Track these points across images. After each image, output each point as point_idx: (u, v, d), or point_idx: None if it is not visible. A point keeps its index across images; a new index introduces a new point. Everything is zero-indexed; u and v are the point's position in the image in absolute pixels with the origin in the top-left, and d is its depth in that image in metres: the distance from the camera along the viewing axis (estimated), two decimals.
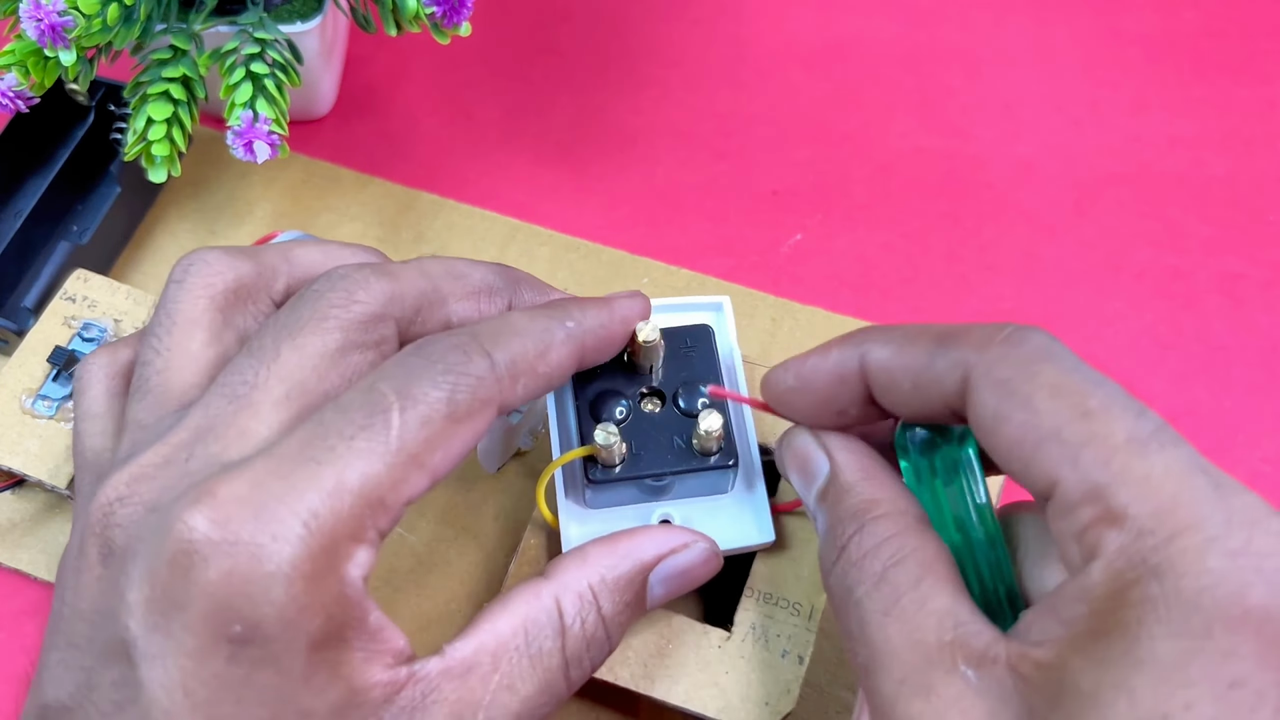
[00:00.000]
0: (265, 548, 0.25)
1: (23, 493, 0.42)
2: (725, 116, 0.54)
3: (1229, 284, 0.48)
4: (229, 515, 0.25)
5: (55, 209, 0.48)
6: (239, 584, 0.25)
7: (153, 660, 0.26)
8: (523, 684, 0.29)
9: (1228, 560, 0.23)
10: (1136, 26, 0.56)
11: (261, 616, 0.25)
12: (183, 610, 0.25)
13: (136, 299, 0.42)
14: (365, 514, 0.26)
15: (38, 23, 0.38)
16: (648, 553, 0.32)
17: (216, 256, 0.32)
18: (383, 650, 0.27)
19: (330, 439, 0.26)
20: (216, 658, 0.25)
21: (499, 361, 0.29)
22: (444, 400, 0.28)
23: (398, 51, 0.55)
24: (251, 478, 0.26)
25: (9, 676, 0.41)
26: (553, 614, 0.30)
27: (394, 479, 0.27)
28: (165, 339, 0.31)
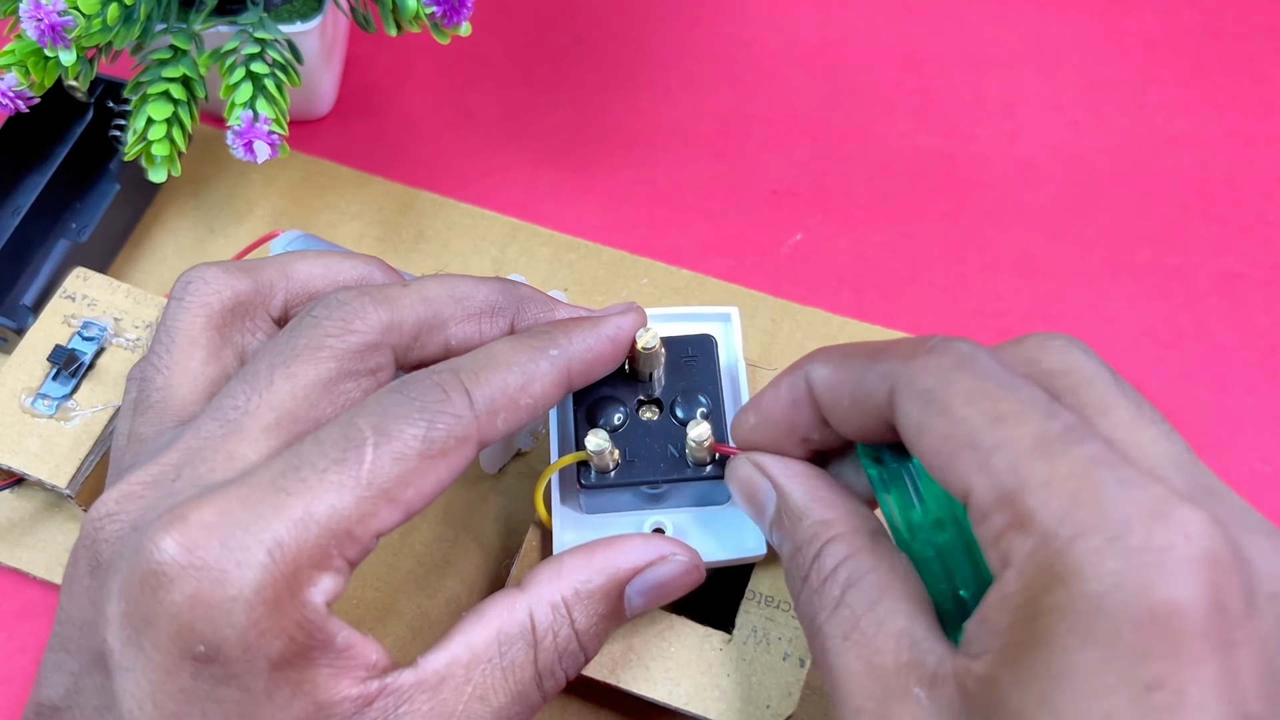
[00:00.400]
0: (228, 574, 0.26)
1: (22, 492, 0.42)
2: (725, 116, 0.53)
3: (1228, 284, 0.48)
4: (196, 541, 0.26)
5: (54, 207, 0.48)
6: (202, 607, 0.26)
7: (126, 672, 0.27)
8: (495, 695, 0.30)
9: (1128, 559, 0.22)
10: (1136, 26, 0.56)
11: (222, 639, 0.26)
12: (152, 628, 0.26)
13: (136, 297, 0.42)
14: (331, 544, 0.27)
15: (38, 23, 0.38)
16: (624, 565, 0.32)
17: (214, 275, 0.33)
18: (352, 665, 0.28)
19: (303, 470, 0.27)
20: (182, 674, 0.26)
21: (478, 400, 0.29)
22: (419, 438, 0.28)
23: (398, 51, 0.55)
24: (223, 505, 0.27)
25: (9, 676, 0.41)
26: (525, 626, 0.30)
27: (362, 512, 0.27)
28: (165, 357, 0.32)
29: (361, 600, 0.41)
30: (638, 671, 0.34)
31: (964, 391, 0.26)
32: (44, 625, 0.41)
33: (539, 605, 0.31)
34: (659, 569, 0.32)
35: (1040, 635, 0.23)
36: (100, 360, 0.41)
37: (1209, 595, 0.22)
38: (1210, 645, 0.22)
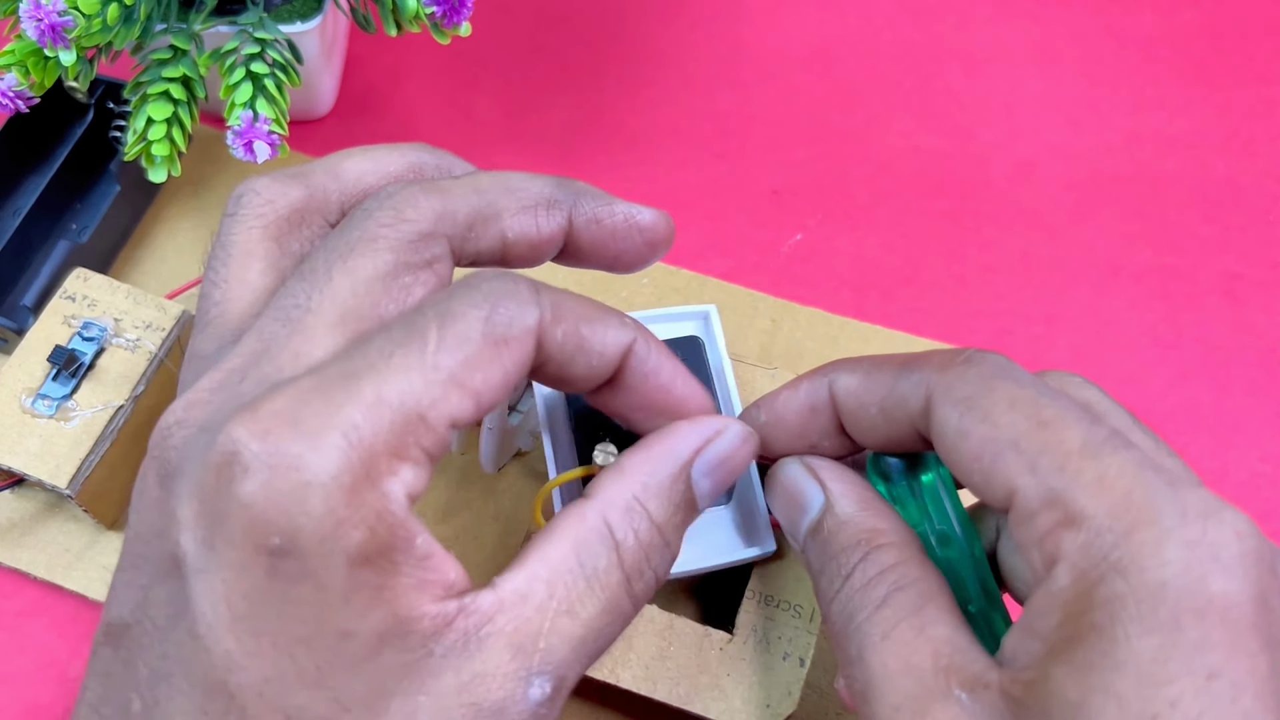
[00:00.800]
0: (303, 458, 0.25)
1: (22, 492, 0.42)
2: (725, 116, 0.53)
3: (1228, 284, 0.48)
4: (269, 428, 0.25)
5: (54, 207, 0.48)
6: (276, 495, 0.25)
7: (199, 574, 0.26)
8: (583, 607, 0.28)
9: (1186, 550, 0.23)
10: (1136, 27, 0.56)
11: (298, 528, 0.25)
12: (225, 522, 0.25)
13: (136, 298, 0.42)
14: (406, 429, 0.26)
15: (38, 23, 0.38)
16: (683, 449, 0.31)
17: (266, 185, 0.32)
18: (432, 580, 0.27)
19: (371, 356, 0.26)
20: (256, 571, 0.25)
21: (544, 299, 0.28)
22: (481, 319, 0.27)
23: (398, 51, 0.55)
24: (294, 393, 0.26)
25: (9, 676, 0.41)
26: (602, 531, 0.29)
27: (433, 395, 0.26)
28: (221, 270, 0.31)
29: None
30: (637, 671, 0.34)
31: (1006, 398, 0.26)
32: (44, 625, 0.41)
33: (611, 508, 0.30)
34: (717, 445, 0.31)
35: (1097, 626, 0.23)
36: (100, 360, 0.41)
37: (1258, 591, 0.23)
38: (1261, 639, 0.23)
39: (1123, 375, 0.46)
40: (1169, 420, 0.45)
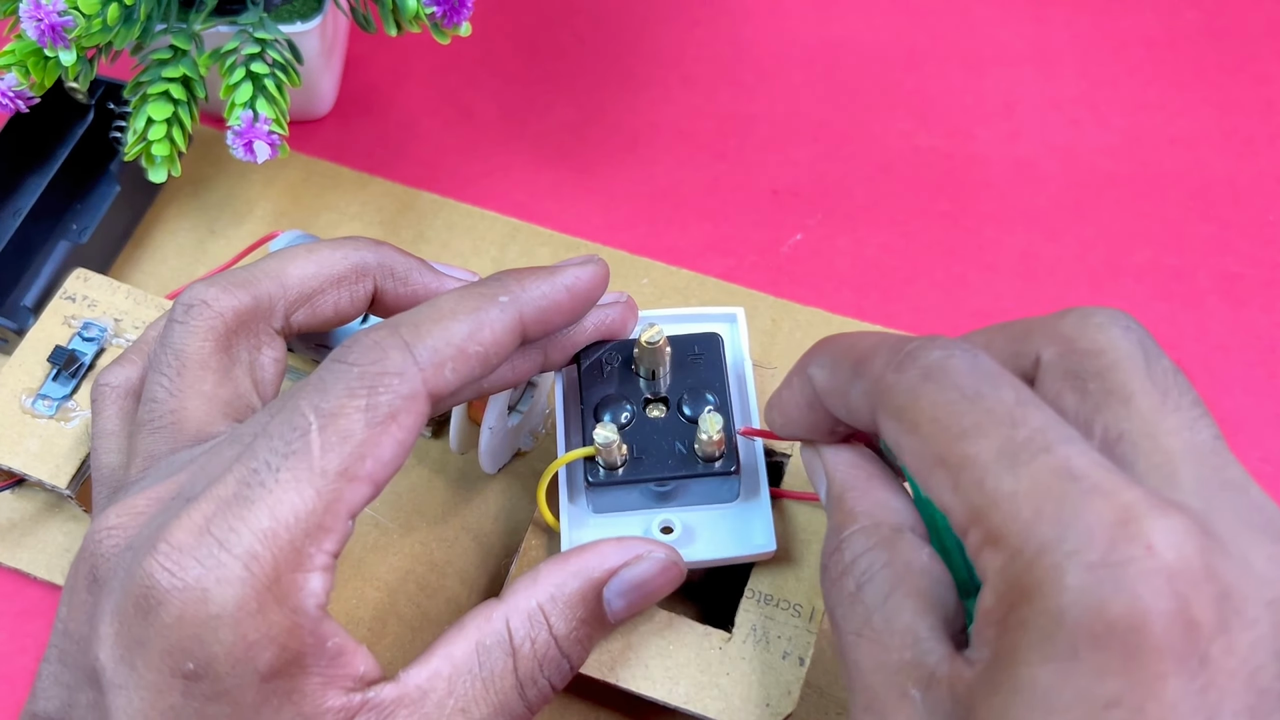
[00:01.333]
0: (210, 592, 0.26)
1: (22, 492, 0.42)
2: (725, 116, 0.53)
3: (1228, 284, 0.48)
4: (177, 562, 0.26)
5: (55, 208, 0.48)
6: (190, 626, 0.26)
7: (118, 690, 0.27)
8: (477, 707, 0.29)
9: (1086, 574, 0.22)
10: (1136, 26, 0.56)
11: (211, 656, 0.26)
12: (144, 647, 0.27)
13: (136, 298, 0.42)
14: (305, 543, 0.27)
15: (38, 23, 0.38)
16: (598, 567, 0.32)
17: (215, 296, 0.33)
18: (341, 674, 0.28)
19: (260, 474, 0.27)
20: (173, 692, 0.27)
21: (421, 353, 0.29)
22: (362, 409, 0.28)
23: (398, 51, 0.55)
24: (195, 522, 0.27)
25: (8, 676, 0.41)
26: (502, 635, 0.30)
27: (326, 501, 0.27)
28: (176, 380, 0.32)
29: (362, 600, 0.41)
30: (637, 670, 0.34)
31: (929, 407, 0.26)
32: (44, 626, 0.41)
33: (515, 614, 0.31)
34: (635, 568, 0.32)
35: (1008, 650, 0.23)
36: (100, 361, 0.41)
37: (1172, 609, 0.21)
38: (1174, 661, 0.21)
39: None
40: None
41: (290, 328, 0.34)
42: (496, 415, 0.38)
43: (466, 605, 0.41)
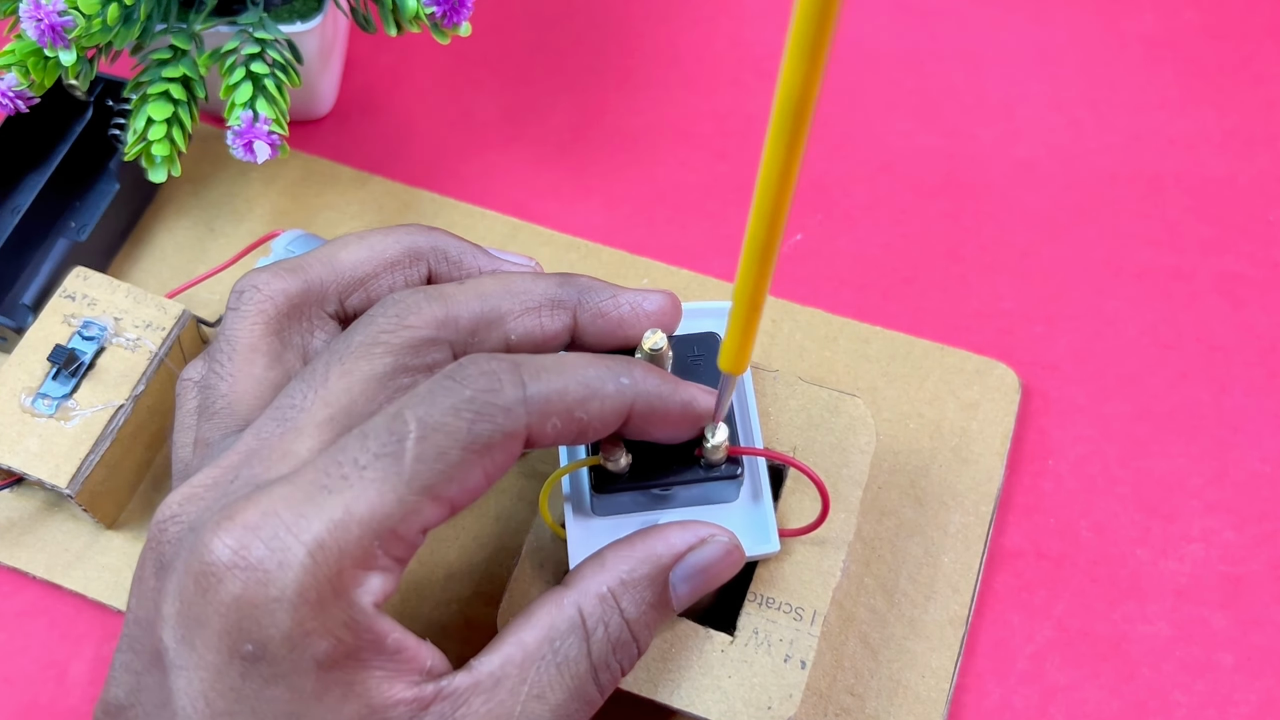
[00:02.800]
0: (271, 574, 0.26)
1: (22, 491, 0.42)
2: (725, 116, 0.53)
3: (1229, 284, 0.48)
4: (242, 541, 0.26)
5: (54, 206, 0.48)
6: (249, 607, 0.26)
7: (179, 670, 0.27)
8: (552, 692, 0.30)
9: None
10: (1136, 26, 0.56)
11: (268, 638, 0.26)
12: (203, 627, 0.27)
13: (136, 297, 0.42)
14: (374, 543, 0.27)
15: (38, 23, 0.38)
16: (665, 552, 0.32)
17: (266, 280, 0.33)
18: (406, 669, 0.28)
19: (345, 467, 0.27)
20: (232, 673, 0.27)
21: (533, 394, 0.28)
22: (464, 430, 0.27)
23: (398, 51, 0.55)
24: (267, 504, 0.27)
25: (8, 676, 0.41)
26: (575, 621, 0.30)
27: (405, 510, 0.27)
28: (228, 365, 0.32)
29: None
30: (638, 673, 0.34)
31: None
32: (44, 625, 0.41)
33: (586, 599, 0.31)
34: (700, 553, 0.32)
35: None
36: (100, 360, 0.41)
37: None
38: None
39: (1123, 375, 0.46)
40: (1169, 420, 0.45)
41: (345, 312, 0.34)
42: None
43: (468, 606, 0.41)
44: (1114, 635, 0.41)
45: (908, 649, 0.39)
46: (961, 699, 0.40)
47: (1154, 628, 0.41)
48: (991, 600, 0.41)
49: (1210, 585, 0.42)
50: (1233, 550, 0.43)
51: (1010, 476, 0.44)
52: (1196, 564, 0.42)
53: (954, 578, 0.41)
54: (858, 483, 0.38)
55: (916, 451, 0.43)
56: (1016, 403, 0.44)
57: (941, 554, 0.41)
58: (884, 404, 0.44)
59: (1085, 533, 0.43)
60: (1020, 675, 0.40)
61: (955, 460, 0.43)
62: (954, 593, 0.40)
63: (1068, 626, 0.41)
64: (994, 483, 0.42)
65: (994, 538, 0.42)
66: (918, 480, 0.42)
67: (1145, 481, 0.44)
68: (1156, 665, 0.41)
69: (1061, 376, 0.46)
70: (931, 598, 0.40)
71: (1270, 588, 0.42)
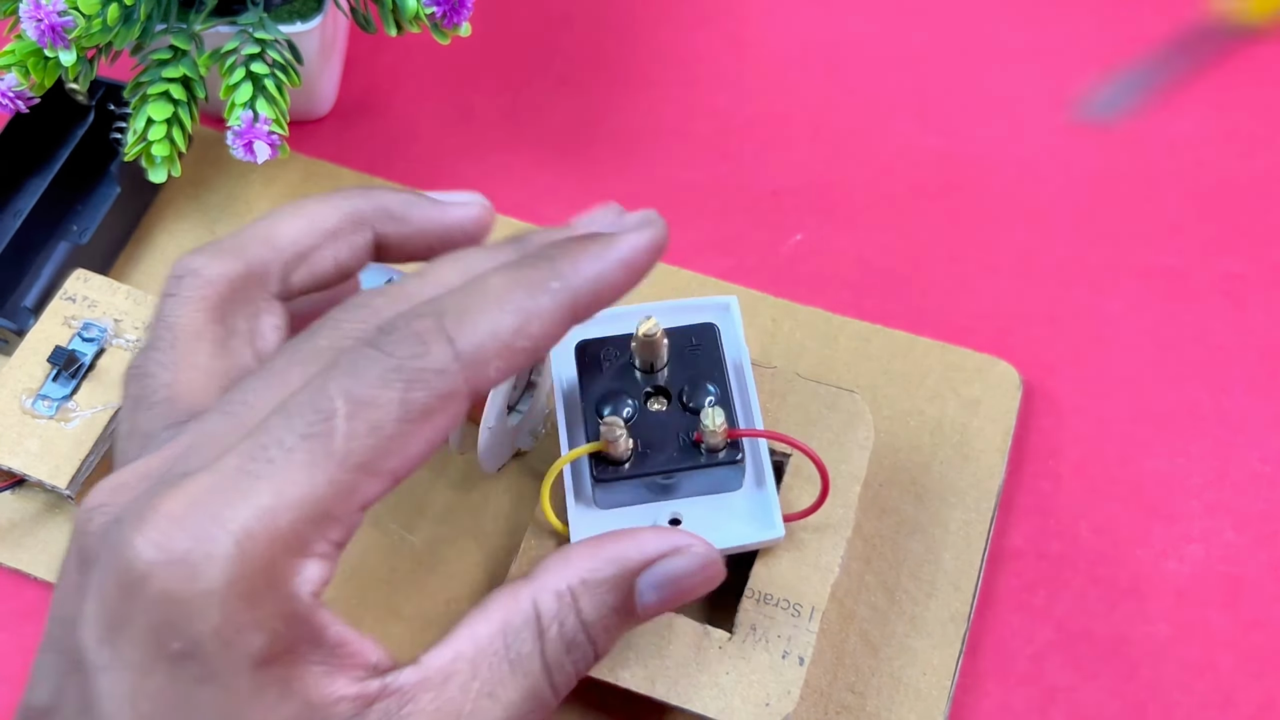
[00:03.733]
0: (199, 567, 0.24)
1: (23, 492, 0.42)
2: (725, 116, 0.53)
3: (1229, 284, 0.48)
4: (166, 534, 0.25)
5: (55, 209, 0.48)
6: (175, 603, 0.24)
7: (102, 672, 0.26)
8: (504, 690, 0.28)
9: None
10: (1137, 25, 0.56)
11: (198, 635, 0.25)
12: (127, 625, 0.25)
13: (136, 299, 0.42)
14: (307, 529, 0.25)
15: (38, 23, 0.38)
16: (634, 556, 0.30)
17: (204, 264, 0.31)
18: (348, 664, 0.27)
19: (270, 450, 0.25)
20: (159, 674, 0.25)
21: (464, 349, 0.26)
22: (396, 402, 0.26)
23: (398, 52, 0.55)
24: (192, 494, 0.25)
25: (8, 676, 0.41)
26: (529, 616, 0.29)
27: (339, 491, 0.25)
28: (169, 353, 0.30)
29: (361, 601, 0.41)
30: (637, 669, 0.34)
31: None
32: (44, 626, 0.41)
33: (544, 594, 0.29)
34: (673, 561, 0.30)
35: None
36: (100, 361, 0.41)
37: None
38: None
39: (1123, 375, 0.46)
40: (1169, 420, 0.45)
41: (290, 289, 0.32)
42: (495, 415, 0.38)
43: (467, 605, 0.41)
44: (1114, 636, 0.41)
45: (909, 646, 0.39)
46: (962, 699, 0.40)
47: (1154, 628, 0.41)
48: (992, 601, 0.41)
49: (1211, 585, 0.42)
50: (1233, 550, 0.42)
51: (1011, 477, 0.44)
52: (1197, 564, 0.42)
53: (955, 575, 0.40)
54: (856, 478, 0.38)
55: (917, 449, 0.43)
56: (1018, 399, 0.44)
57: (943, 551, 0.41)
58: (885, 402, 0.44)
59: (1086, 533, 0.43)
60: (1021, 676, 0.40)
61: (956, 457, 0.43)
62: (955, 590, 0.40)
63: (1068, 627, 0.41)
64: (995, 480, 0.42)
65: (995, 538, 0.42)
66: (919, 478, 0.42)
67: (1146, 482, 0.44)
68: (1157, 666, 0.40)
69: (1062, 377, 0.46)
70: (933, 595, 0.40)
71: (1271, 588, 0.42)
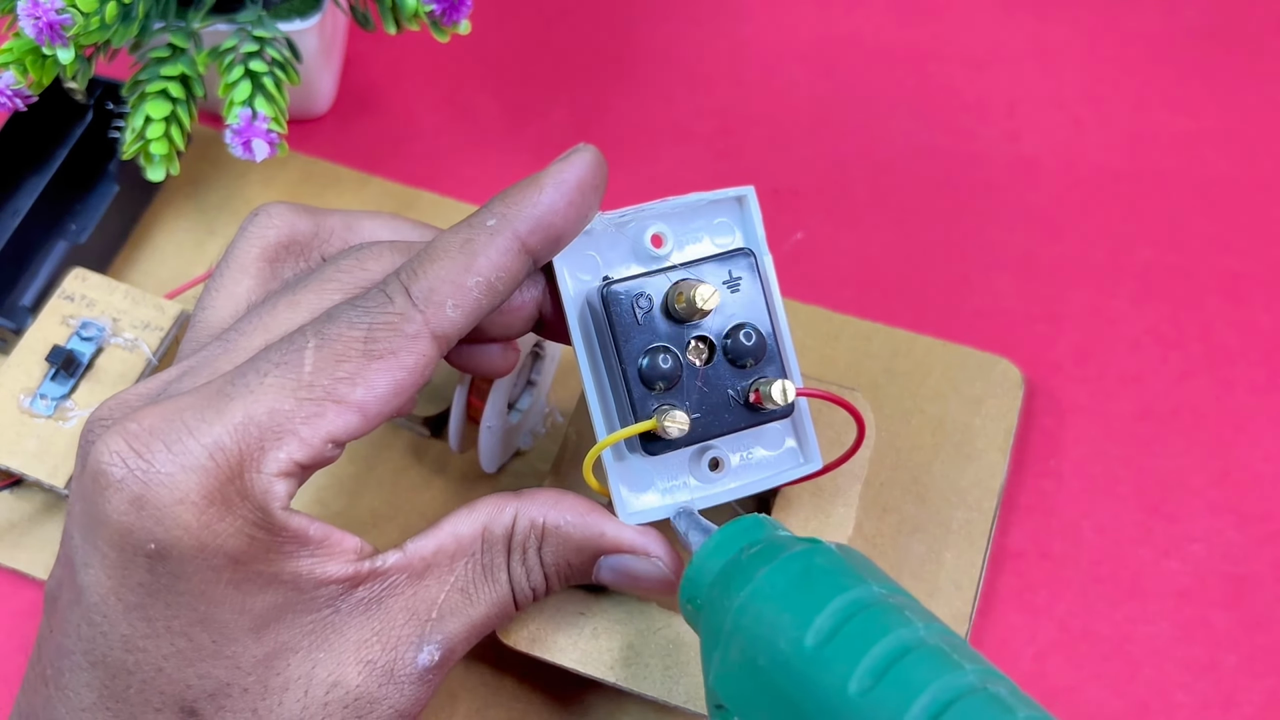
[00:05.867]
0: (174, 476, 0.27)
1: (21, 492, 0.42)
2: (725, 116, 0.53)
3: (1230, 283, 0.48)
4: (142, 444, 0.27)
5: (53, 208, 0.48)
6: (149, 509, 0.27)
7: (86, 568, 0.28)
8: (476, 592, 0.31)
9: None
10: (1138, 24, 0.56)
11: (173, 539, 0.27)
12: (103, 526, 0.27)
13: (135, 298, 0.42)
14: (276, 445, 0.27)
15: (36, 21, 0.38)
16: (607, 539, 0.32)
17: (279, 210, 0.33)
18: (335, 552, 0.29)
19: (248, 376, 0.28)
20: (138, 568, 0.27)
21: (416, 293, 0.29)
22: (359, 339, 0.28)
23: (397, 50, 0.55)
24: (170, 409, 0.28)
25: (8, 676, 0.40)
26: (507, 530, 0.31)
27: (307, 413, 0.28)
28: (217, 279, 0.33)
29: None
30: (637, 669, 0.34)
31: None
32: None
33: (524, 515, 0.32)
34: (638, 562, 0.33)
35: None
36: (98, 360, 0.41)
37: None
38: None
39: (1125, 374, 0.46)
40: (1170, 420, 0.45)
41: None
42: (495, 414, 0.38)
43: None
44: (1116, 635, 0.41)
45: None
46: None
47: (1156, 627, 0.41)
48: (994, 601, 0.41)
49: (1213, 585, 0.42)
50: (1235, 550, 0.42)
51: (1013, 476, 0.43)
52: (1199, 564, 0.42)
53: (957, 574, 0.40)
54: (857, 477, 0.38)
55: (919, 448, 0.43)
56: (1020, 398, 0.44)
57: (944, 550, 0.41)
58: (886, 400, 0.44)
59: (1088, 532, 0.43)
60: (1023, 676, 0.40)
61: (958, 456, 0.43)
62: (957, 590, 0.40)
63: (1070, 627, 0.41)
64: (997, 479, 0.42)
65: (996, 538, 0.42)
66: (920, 477, 0.42)
67: (1148, 481, 0.44)
68: (1159, 665, 0.40)
69: (1064, 376, 0.46)
70: (934, 594, 0.40)
71: (1273, 588, 0.42)
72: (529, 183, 0.31)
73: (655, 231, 0.34)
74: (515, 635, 0.34)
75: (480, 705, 0.39)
